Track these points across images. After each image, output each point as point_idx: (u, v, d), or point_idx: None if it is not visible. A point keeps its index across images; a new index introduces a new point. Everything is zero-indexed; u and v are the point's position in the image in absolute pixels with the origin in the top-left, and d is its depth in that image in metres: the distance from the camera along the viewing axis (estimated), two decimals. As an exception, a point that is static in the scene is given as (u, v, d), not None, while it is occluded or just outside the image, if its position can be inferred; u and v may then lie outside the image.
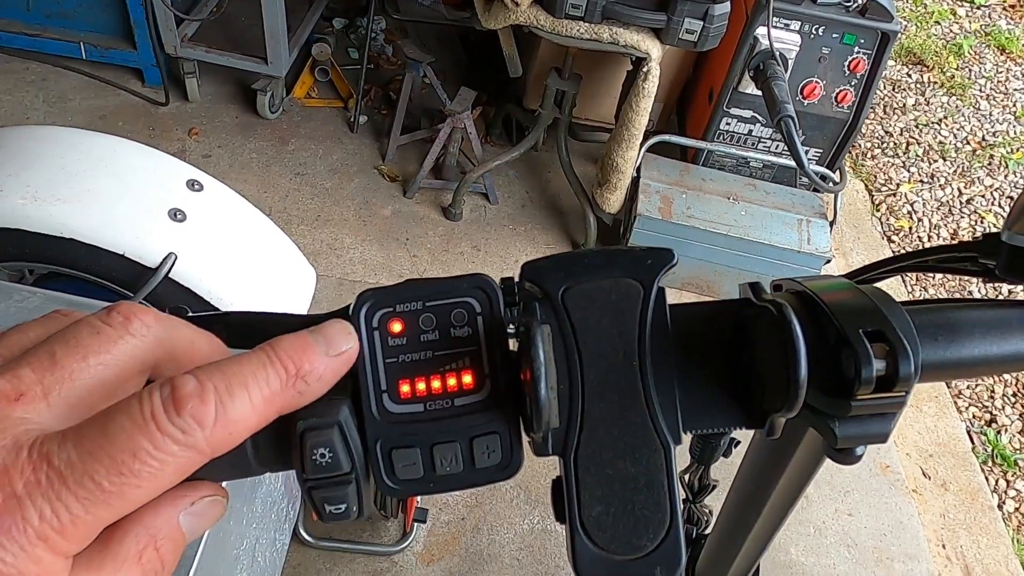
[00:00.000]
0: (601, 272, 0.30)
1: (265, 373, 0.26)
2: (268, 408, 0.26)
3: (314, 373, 0.27)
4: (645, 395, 0.29)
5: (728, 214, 2.14)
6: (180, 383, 0.25)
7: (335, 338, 0.28)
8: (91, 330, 0.26)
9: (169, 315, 0.28)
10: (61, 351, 0.25)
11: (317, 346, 0.27)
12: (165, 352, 0.28)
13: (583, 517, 0.28)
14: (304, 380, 0.27)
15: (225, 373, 0.25)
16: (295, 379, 0.27)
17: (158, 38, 2.32)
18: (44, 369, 0.25)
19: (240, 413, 0.25)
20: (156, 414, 0.24)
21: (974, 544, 1.90)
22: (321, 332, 0.28)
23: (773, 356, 0.29)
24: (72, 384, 0.25)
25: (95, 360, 0.25)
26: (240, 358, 0.26)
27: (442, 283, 0.29)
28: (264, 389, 0.26)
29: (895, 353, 0.29)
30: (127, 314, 0.27)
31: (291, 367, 0.27)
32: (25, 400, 0.24)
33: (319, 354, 0.27)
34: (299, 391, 0.27)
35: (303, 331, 0.28)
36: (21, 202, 1.13)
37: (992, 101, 3.33)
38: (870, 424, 0.31)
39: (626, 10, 1.79)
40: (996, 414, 2.22)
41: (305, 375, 0.27)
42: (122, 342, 0.26)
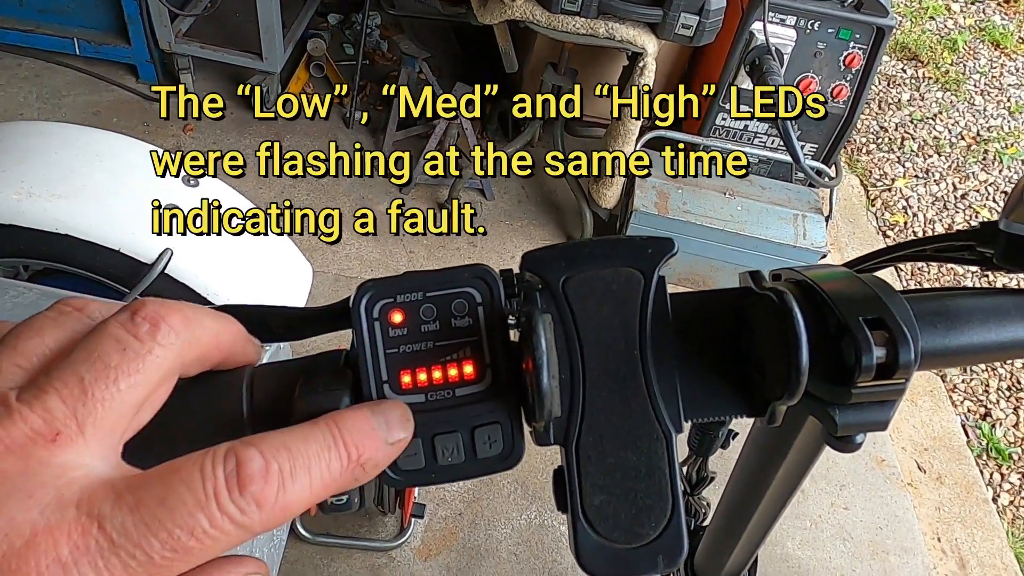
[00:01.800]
0: (602, 261, 0.30)
1: (328, 457, 0.25)
2: (324, 493, 0.25)
3: (372, 462, 0.26)
4: (646, 384, 0.29)
5: (724, 209, 2.14)
6: (245, 458, 0.23)
7: (395, 424, 0.27)
8: (117, 346, 0.24)
9: (192, 310, 0.27)
10: (90, 376, 0.23)
11: (379, 431, 0.27)
12: (193, 355, 0.27)
13: (585, 506, 0.28)
14: (363, 467, 0.26)
15: (291, 452, 0.24)
16: (355, 465, 0.26)
17: (152, 34, 2.31)
18: (75, 400, 0.23)
19: (298, 497, 0.24)
20: (219, 491, 0.23)
21: (969, 537, 1.91)
22: (383, 414, 0.27)
23: (774, 344, 0.29)
24: (106, 413, 0.23)
25: (126, 383, 0.24)
26: (305, 433, 0.25)
27: (443, 273, 0.29)
28: (325, 474, 0.25)
29: (895, 341, 0.29)
30: (153, 320, 0.25)
31: (354, 453, 0.26)
32: (62, 441, 0.23)
33: (380, 440, 0.26)
34: (355, 478, 0.26)
35: (365, 409, 0.27)
36: (16, 198, 1.13)
37: (986, 96, 3.33)
38: (870, 412, 0.31)
39: (622, 5, 1.79)
40: (991, 408, 2.23)
41: (364, 463, 0.26)
42: (151, 357, 0.25)
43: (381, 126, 2.49)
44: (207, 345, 0.27)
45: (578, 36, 1.84)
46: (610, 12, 1.80)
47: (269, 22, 2.22)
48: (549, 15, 1.81)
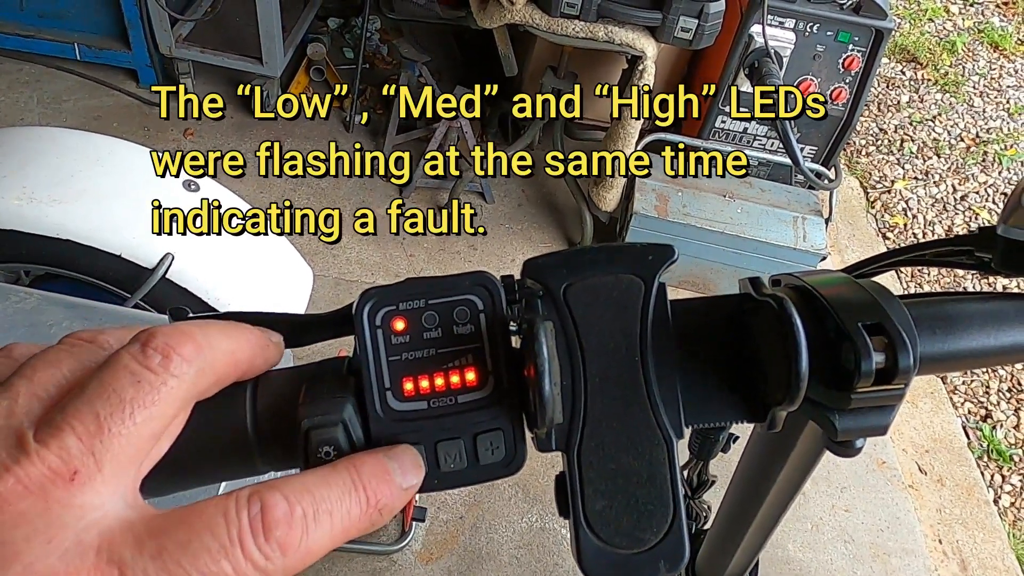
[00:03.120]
0: (602, 268, 0.30)
1: (348, 501, 0.25)
2: (343, 537, 0.25)
3: (388, 507, 0.26)
4: (647, 390, 0.29)
5: (724, 212, 2.14)
6: (270, 503, 0.23)
7: (409, 470, 0.27)
8: (131, 379, 0.24)
9: (204, 335, 0.26)
10: (104, 410, 0.23)
11: (395, 476, 0.27)
12: (208, 381, 0.26)
13: (587, 512, 0.28)
14: (380, 512, 0.26)
15: (314, 497, 0.24)
16: (373, 510, 0.26)
17: (152, 38, 2.31)
18: (91, 436, 0.22)
19: (320, 542, 0.24)
20: (243, 537, 0.22)
21: (970, 539, 1.91)
22: (397, 460, 0.27)
23: (774, 350, 0.29)
24: (123, 448, 0.23)
25: (141, 416, 0.24)
26: (327, 478, 0.25)
27: (444, 281, 0.30)
28: (346, 519, 0.25)
29: (894, 346, 0.29)
30: (165, 352, 0.25)
31: (372, 498, 0.26)
32: (80, 480, 0.22)
33: (396, 485, 0.27)
34: (372, 523, 0.26)
35: (380, 454, 0.27)
36: (17, 203, 1.13)
37: (986, 98, 3.34)
38: (870, 416, 0.31)
39: (621, 8, 1.79)
40: (991, 409, 2.23)
41: (382, 508, 0.26)
42: (165, 389, 0.24)
43: (381, 129, 2.49)
44: (222, 368, 0.27)
45: (577, 40, 1.85)
46: (609, 16, 1.81)
47: (269, 26, 2.23)
48: (548, 19, 1.81)
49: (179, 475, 0.28)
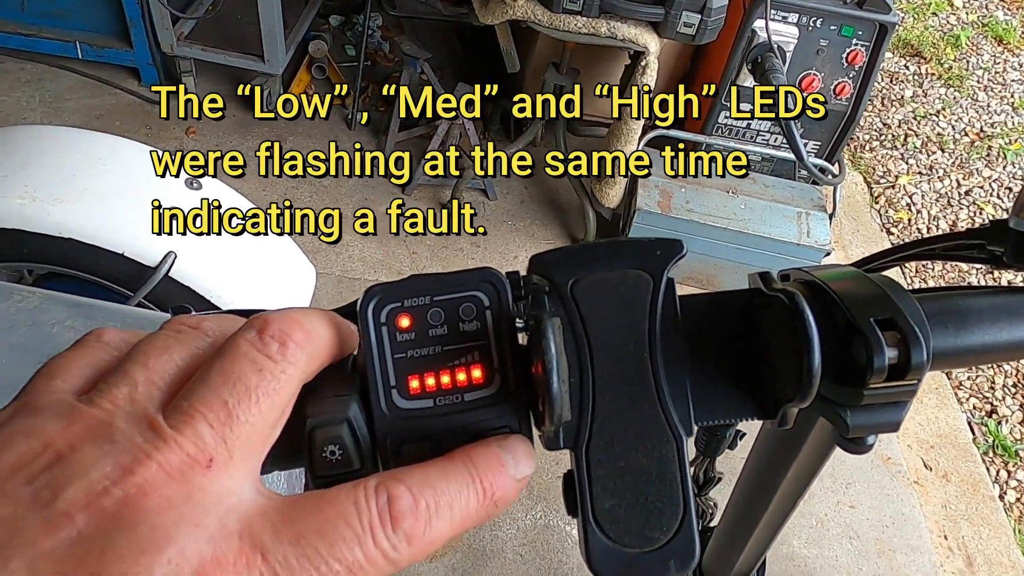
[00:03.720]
0: (610, 264, 0.30)
1: (467, 494, 0.26)
2: (462, 528, 0.25)
3: (504, 499, 0.27)
4: (656, 387, 0.29)
5: (727, 207, 2.13)
6: (397, 494, 0.24)
7: (522, 461, 0.27)
8: (253, 367, 0.24)
9: (309, 321, 0.27)
10: (232, 398, 0.23)
11: (509, 467, 0.27)
12: (315, 366, 0.27)
13: (595, 510, 0.28)
14: (495, 504, 0.26)
15: (435, 490, 0.25)
16: (489, 502, 0.26)
17: (154, 37, 2.31)
18: (222, 424, 0.23)
19: (441, 533, 0.25)
20: (374, 527, 0.23)
21: (976, 535, 1.90)
22: (511, 450, 0.27)
23: (785, 346, 0.29)
24: (251, 435, 0.24)
25: (267, 403, 0.24)
26: (445, 470, 0.26)
27: (449, 277, 0.29)
28: (464, 510, 0.25)
29: (907, 341, 0.29)
30: (282, 339, 0.25)
31: (488, 490, 0.26)
32: (217, 467, 0.23)
33: (510, 477, 0.27)
34: (488, 514, 0.26)
35: (493, 444, 0.27)
36: (19, 202, 1.13)
37: (990, 92, 3.33)
38: (882, 413, 0.31)
39: (623, 4, 1.78)
40: (996, 405, 2.23)
41: (497, 500, 0.26)
42: (284, 376, 0.25)
43: (383, 127, 2.49)
44: (326, 353, 0.27)
45: (580, 35, 1.84)
46: (612, 11, 1.80)
47: (271, 24, 2.22)
48: (551, 15, 1.81)
49: None
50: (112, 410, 0.23)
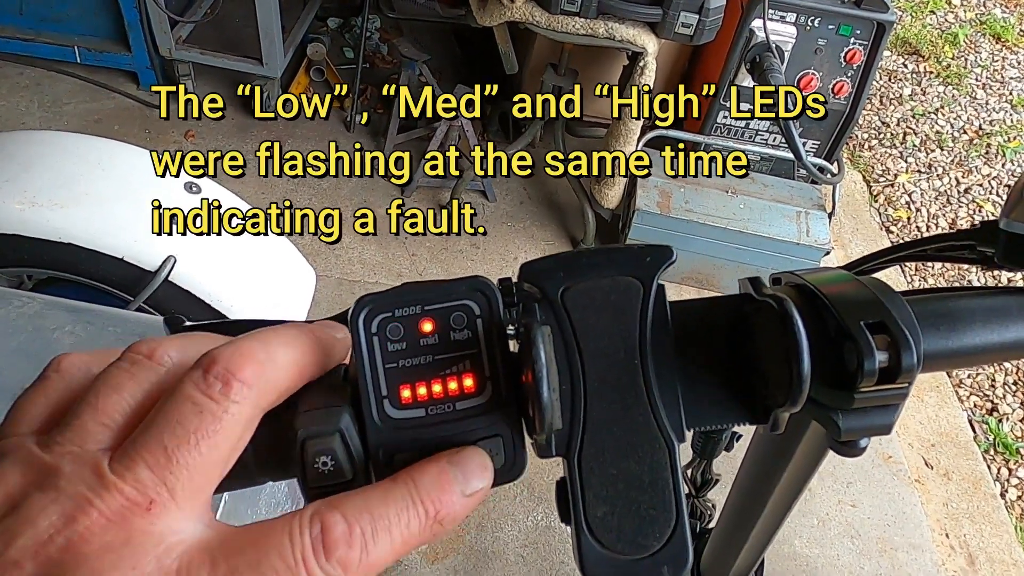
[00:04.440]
0: (600, 271, 0.30)
1: (408, 516, 0.26)
2: (404, 551, 0.25)
3: (449, 517, 0.26)
4: (647, 393, 0.29)
5: (727, 207, 2.13)
6: (330, 523, 0.24)
7: (473, 475, 0.27)
8: (194, 409, 0.25)
9: (266, 351, 0.26)
10: (171, 442, 0.24)
11: (456, 484, 0.27)
12: (271, 398, 0.27)
13: (588, 517, 0.28)
14: (440, 524, 0.26)
15: (372, 514, 0.25)
16: (433, 522, 0.26)
17: (152, 41, 2.31)
18: (162, 467, 0.24)
19: (379, 558, 0.25)
20: (306, 557, 0.23)
21: (977, 533, 1.90)
22: (460, 465, 0.27)
23: (775, 351, 0.29)
24: (192, 476, 0.24)
25: (207, 445, 0.24)
26: (384, 493, 0.26)
27: (440, 287, 0.29)
28: (404, 532, 0.25)
29: (897, 344, 0.29)
30: (225, 378, 0.25)
31: (431, 509, 0.26)
32: (156, 509, 0.23)
33: (457, 494, 0.27)
34: (433, 533, 0.26)
35: (443, 460, 0.27)
36: (18, 207, 1.13)
37: (988, 90, 3.32)
38: (873, 416, 0.31)
39: (621, 5, 1.78)
40: (997, 403, 2.23)
41: (443, 519, 0.26)
42: (227, 416, 0.25)
43: (382, 129, 2.49)
44: (286, 382, 0.27)
45: (578, 36, 1.84)
46: (610, 12, 1.80)
47: (269, 27, 2.22)
48: (549, 16, 1.81)
49: None
50: (62, 455, 0.24)
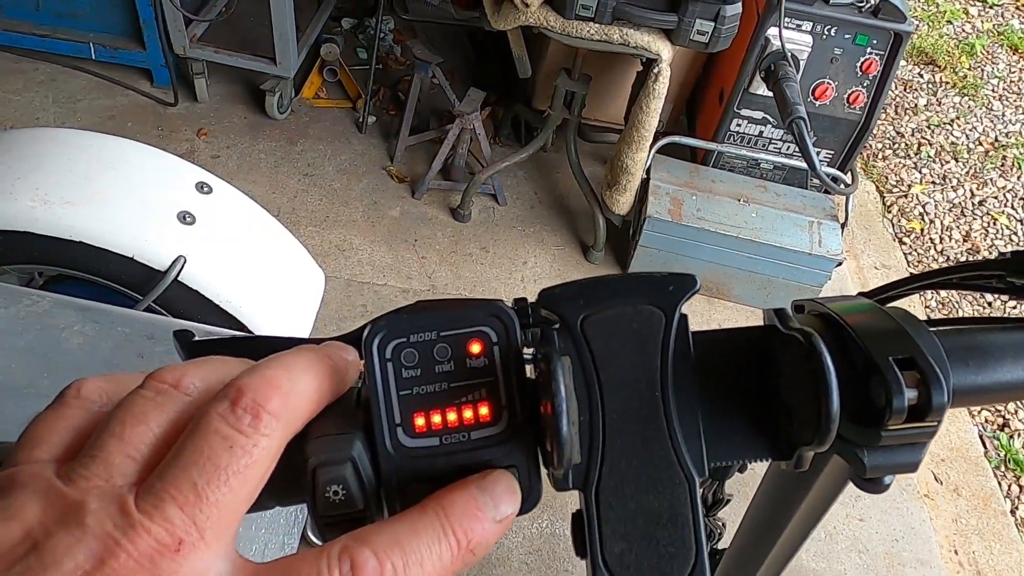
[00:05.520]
0: (621, 299, 0.29)
1: (439, 548, 0.25)
2: None
3: (482, 544, 0.26)
4: (668, 426, 0.28)
5: (738, 216, 2.12)
6: (360, 560, 0.23)
7: (502, 499, 0.27)
8: (224, 443, 0.24)
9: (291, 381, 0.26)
10: (201, 479, 0.23)
11: (487, 511, 0.26)
12: (295, 428, 0.26)
13: (605, 554, 0.27)
14: (472, 552, 0.26)
15: (403, 548, 0.24)
16: (465, 551, 0.25)
17: (167, 38, 2.32)
18: (192, 505, 0.23)
19: None
20: None
21: (987, 550, 1.88)
22: (489, 491, 0.27)
23: (802, 387, 0.28)
24: (222, 514, 0.23)
25: (237, 481, 0.24)
26: (413, 525, 0.25)
27: (456, 311, 0.28)
28: (437, 565, 0.25)
29: (927, 382, 0.28)
30: (255, 411, 0.25)
31: (463, 539, 0.25)
32: (186, 550, 0.23)
33: (488, 520, 0.26)
34: (465, 563, 0.26)
35: (472, 486, 0.27)
36: (30, 205, 1.13)
37: (1005, 101, 3.30)
38: (900, 454, 0.30)
39: (637, 11, 1.77)
40: (1009, 418, 2.20)
41: (475, 547, 0.26)
42: (258, 450, 0.24)
43: (394, 131, 2.49)
44: (308, 410, 0.27)
45: (592, 42, 1.83)
46: (625, 18, 1.79)
47: (283, 27, 2.23)
48: (563, 21, 1.80)
49: None
50: (87, 489, 0.23)
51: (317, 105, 2.59)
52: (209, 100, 2.51)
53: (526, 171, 2.51)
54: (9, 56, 2.46)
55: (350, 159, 2.44)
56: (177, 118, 2.44)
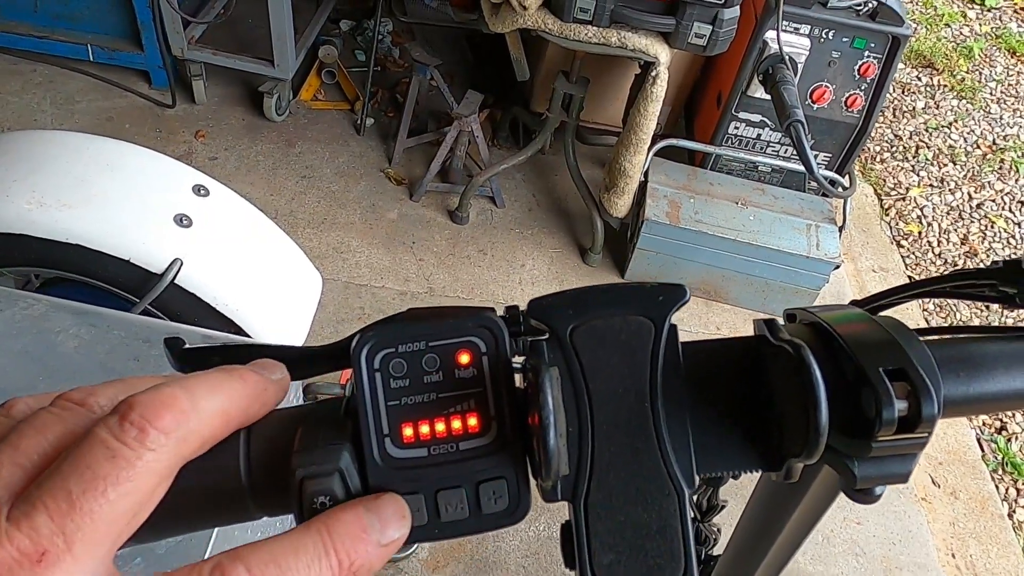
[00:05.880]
0: (610, 309, 0.29)
1: (319, 567, 0.24)
2: None
3: (365, 567, 0.25)
4: (657, 438, 0.28)
5: (736, 219, 2.12)
6: None
7: (391, 523, 0.26)
8: (106, 453, 0.23)
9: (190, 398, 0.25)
10: (77, 488, 0.22)
11: (372, 533, 0.26)
12: (192, 447, 0.25)
13: (594, 565, 0.27)
14: (354, 574, 0.25)
15: (279, 566, 0.23)
16: (347, 573, 0.25)
17: (165, 40, 2.32)
18: (63, 515, 0.22)
19: None
20: None
21: (984, 553, 1.88)
22: (377, 513, 0.26)
23: (791, 399, 0.28)
24: (95, 525, 0.22)
25: (115, 493, 0.23)
26: (295, 543, 0.24)
27: (446, 321, 0.28)
28: None
29: (917, 393, 0.28)
30: (141, 425, 0.24)
31: (345, 560, 0.25)
32: (48, 561, 0.22)
33: (373, 543, 0.26)
34: None
35: (360, 507, 0.26)
36: (27, 207, 1.13)
37: (1003, 104, 3.30)
38: (891, 464, 0.30)
39: (634, 14, 1.78)
40: (1006, 422, 2.20)
41: (357, 570, 0.25)
42: (141, 463, 0.23)
43: (392, 133, 2.49)
44: (209, 430, 0.26)
45: (590, 45, 1.83)
46: (623, 21, 1.79)
47: (281, 29, 2.22)
48: (561, 24, 1.80)
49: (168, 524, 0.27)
50: None
51: (315, 107, 2.59)
52: (207, 102, 2.50)
53: (524, 173, 2.51)
54: (7, 58, 2.46)
55: (348, 161, 2.44)
56: (175, 120, 2.44)
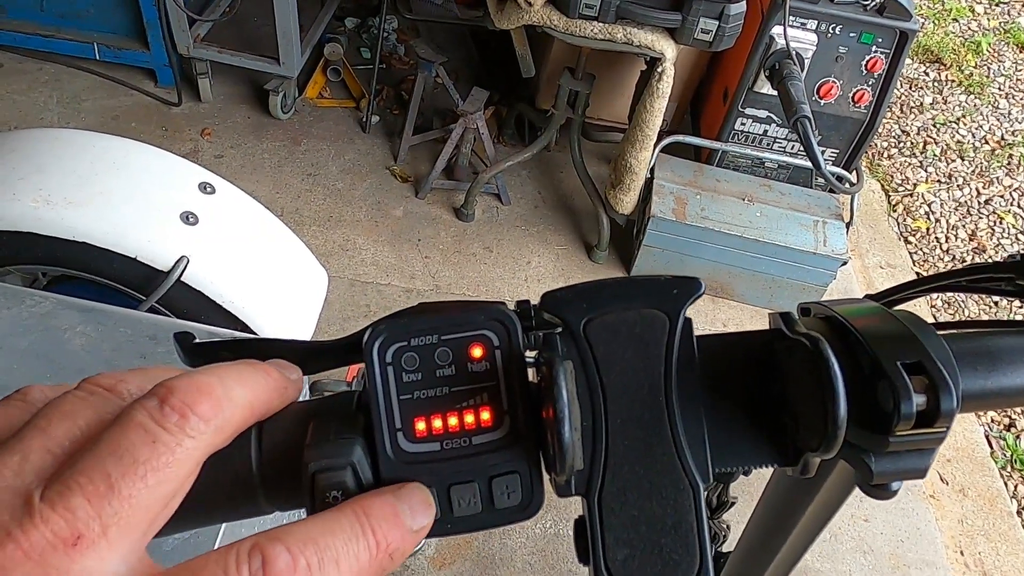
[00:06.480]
0: (624, 303, 0.29)
1: (356, 547, 0.24)
2: None
3: (399, 551, 0.25)
4: (672, 432, 0.28)
5: (743, 215, 2.11)
6: (271, 556, 0.22)
7: (419, 510, 0.26)
8: (145, 438, 0.23)
9: (224, 387, 0.25)
10: (116, 471, 0.22)
11: (404, 518, 0.26)
12: (224, 436, 0.25)
13: (608, 561, 0.27)
14: (390, 557, 0.25)
15: (318, 546, 0.23)
16: (383, 555, 0.25)
17: (171, 38, 2.32)
18: (101, 498, 0.22)
19: None
20: None
21: (993, 551, 1.87)
22: (406, 500, 0.26)
23: (808, 393, 0.27)
24: (133, 511, 0.22)
25: (155, 479, 0.23)
26: (332, 524, 0.24)
27: (458, 314, 0.28)
28: (354, 566, 0.24)
29: (936, 387, 0.27)
30: (182, 411, 0.24)
31: (383, 541, 0.25)
32: (83, 545, 0.21)
33: (406, 528, 0.26)
34: (382, 568, 0.25)
35: (389, 494, 0.26)
36: (33, 205, 1.13)
37: (1011, 99, 3.28)
38: (908, 459, 0.29)
39: (640, 10, 1.77)
40: (1015, 418, 2.19)
41: (392, 552, 0.25)
42: (180, 449, 0.23)
43: (397, 130, 2.48)
44: (240, 420, 0.26)
45: (596, 41, 1.83)
46: (628, 17, 1.78)
47: (286, 27, 2.22)
48: (567, 20, 1.79)
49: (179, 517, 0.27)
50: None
51: (321, 105, 2.59)
52: (213, 100, 2.51)
53: (530, 171, 2.50)
54: (13, 56, 2.46)
55: (354, 159, 2.44)
56: (181, 118, 2.44)
